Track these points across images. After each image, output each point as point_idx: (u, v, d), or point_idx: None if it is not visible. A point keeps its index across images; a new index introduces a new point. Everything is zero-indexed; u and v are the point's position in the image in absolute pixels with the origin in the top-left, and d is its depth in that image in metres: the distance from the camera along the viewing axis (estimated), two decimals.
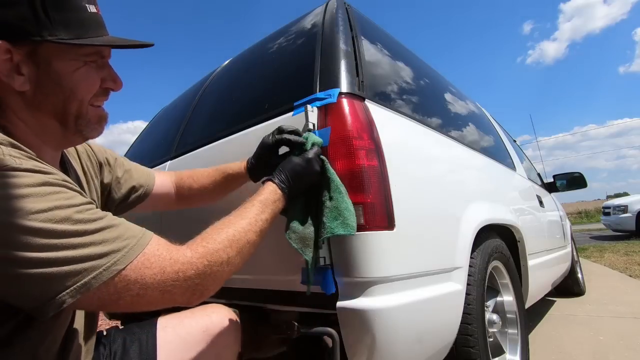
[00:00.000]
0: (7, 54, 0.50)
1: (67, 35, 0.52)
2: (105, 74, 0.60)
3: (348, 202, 0.76)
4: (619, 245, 6.11)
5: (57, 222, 0.43)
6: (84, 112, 0.58)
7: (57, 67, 0.54)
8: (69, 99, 0.56)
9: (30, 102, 0.54)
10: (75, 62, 0.55)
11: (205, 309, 0.78)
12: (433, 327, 0.90)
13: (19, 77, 0.52)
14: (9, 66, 0.51)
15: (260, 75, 1.36)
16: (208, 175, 0.93)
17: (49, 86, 0.54)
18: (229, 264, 0.55)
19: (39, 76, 0.53)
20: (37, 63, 0.53)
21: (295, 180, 0.73)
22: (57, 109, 0.56)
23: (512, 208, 1.58)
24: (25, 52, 0.51)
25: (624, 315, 2.35)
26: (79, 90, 0.56)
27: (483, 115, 2.29)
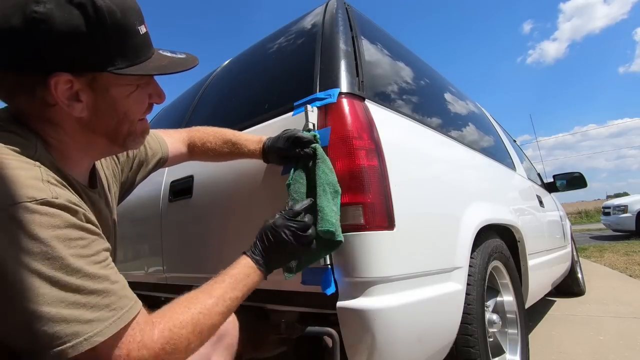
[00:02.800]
0: (68, 84, 0.52)
1: (124, 63, 0.54)
2: (151, 90, 0.62)
3: (330, 201, 0.77)
4: (619, 245, 6.11)
5: (67, 272, 0.43)
6: (134, 130, 0.61)
7: (114, 93, 0.56)
8: (122, 121, 0.58)
9: (84, 125, 0.56)
10: (129, 87, 0.58)
11: None
12: (433, 327, 0.90)
13: (77, 104, 0.53)
14: (69, 95, 0.52)
15: (260, 75, 1.36)
16: (223, 144, 0.96)
17: (105, 111, 0.56)
18: (187, 350, 0.54)
19: (96, 102, 0.55)
20: (95, 91, 0.54)
21: (271, 253, 0.70)
22: (109, 130, 0.58)
23: (512, 208, 1.58)
24: (85, 82, 0.53)
25: (624, 315, 2.35)
26: (131, 113, 0.59)
27: (483, 115, 2.29)
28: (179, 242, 1.23)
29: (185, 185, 1.19)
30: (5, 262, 0.41)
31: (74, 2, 0.49)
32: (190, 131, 0.98)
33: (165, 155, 0.90)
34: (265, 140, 0.94)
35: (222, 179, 1.08)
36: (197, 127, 0.99)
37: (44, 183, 0.46)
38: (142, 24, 0.57)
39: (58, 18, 0.48)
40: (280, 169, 0.93)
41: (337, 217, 0.77)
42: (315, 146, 0.83)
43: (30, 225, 0.42)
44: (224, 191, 1.08)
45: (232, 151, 0.96)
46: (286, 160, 0.89)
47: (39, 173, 0.47)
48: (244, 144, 0.95)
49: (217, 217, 1.10)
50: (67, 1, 0.49)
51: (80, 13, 0.49)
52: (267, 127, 1.04)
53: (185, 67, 0.61)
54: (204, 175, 1.15)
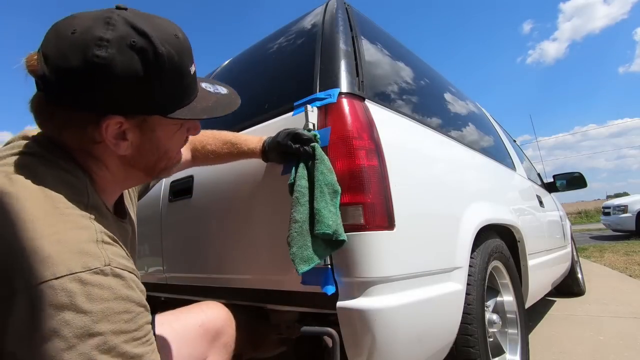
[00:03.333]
0: (118, 125, 0.52)
1: (174, 106, 0.54)
2: (190, 124, 0.62)
3: (328, 202, 0.77)
4: (619, 245, 6.11)
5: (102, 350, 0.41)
6: (171, 164, 0.63)
7: (159, 133, 0.57)
8: (162, 157, 0.60)
9: (126, 161, 0.57)
10: (174, 127, 0.58)
11: (200, 305, 0.79)
12: (433, 327, 0.90)
13: (123, 143, 0.54)
14: (116, 133, 0.53)
15: (260, 75, 1.36)
16: (223, 145, 0.96)
17: (148, 149, 0.57)
18: None
19: (142, 141, 0.56)
20: (143, 131, 0.55)
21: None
22: (148, 165, 0.60)
23: (512, 208, 1.58)
24: (134, 122, 0.53)
25: (624, 315, 2.35)
26: (171, 150, 0.61)
27: (483, 115, 2.29)
28: (179, 242, 1.24)
29: (185, 185, 1.19)
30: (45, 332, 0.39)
31: (135, 47, 0.48)
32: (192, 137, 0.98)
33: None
34: (265, 139, 0.94)
35: (222, 179, 1.08)
36: None
37: (98, 245, 0.45)
38: (192, 63, 0.56)
39: (119, 63, 0.47)
40: (280, 169, 0.93)
41: (336, 218, 0.77)
42: (314, 145, 0.83)
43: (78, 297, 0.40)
44: (224, 191, 1.08)
45: (232, 151, 0.95)
46: (286, 158, 0.89)
47: (94, 233, 0.46)
48: (243, 143, 0.95)
49: (217, 217, 1.10)
50: (129, 46, 0.48)
51: (140, 59, 0.49)
52: (267, 127, 1.04)
53: (231, 109, 0.62)
54: (204, 175, 1.15)
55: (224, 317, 0.78)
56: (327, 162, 0.82)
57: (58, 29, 0.49)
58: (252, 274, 0.99)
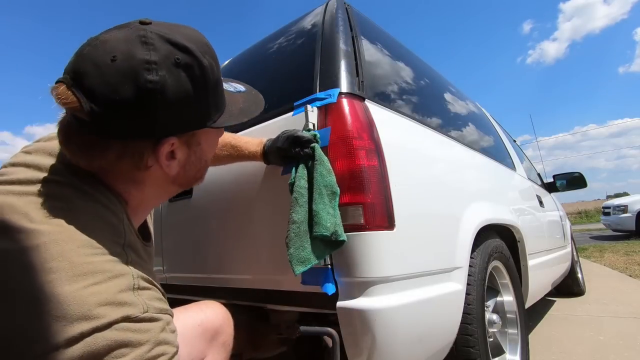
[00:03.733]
0: (171, 146, 0.50)
1: (217, 115, 0.53)
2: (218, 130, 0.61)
3: (327, 204, 0.77)
4: (619, 245, 6.11)
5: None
6: (205, 172, 0.61)
7: (204, 146, 0.55)
8: (202, 169, 0.59)
9: (170, 179, 0.55)
10: (216, 136, 0.58)
11: (199, 305, 0.79)
12: (433, 327, 0.90)
13: (173, 162, 0.52)
14: (167, 153, 0.51)
15: (260, 75, 1.36)
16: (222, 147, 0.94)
17: (193, 163, 0.55)
18: None
19: (189, 157, 0.54)
20: (190, 146, 0.53)
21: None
22: (189, 178, 0.57)
23: (512, 208, 1.58)
24: (184, 140, 0.52)
25: (624, 315, 2.35)
26: (209, 159, 0.59)
27: (483, 115, 2.29)
28: (179, 242, 1.24)
29: None
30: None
31: (180, 64, 0.46)
32: None
33: None
34: (265, 141, 0.94)
35: (221, 179, 1.08)
36: None
37: (135, 293, 0.44)
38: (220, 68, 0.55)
39: (170, 84, 0.46)
40: (280, 169, 0.93)
41: (335, 219, 0.77)
42: (314, 146, 0.83)
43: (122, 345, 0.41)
44: (224, 191, 1.08)
45: (232, 154, 0.95)
46: (286, 161, 0.89)
47: (130, 280, 0.45)
48: (244, 146, 0.95)
49: (217, 217, 1.10)
50: (174, 64, 0.46)
51: (187, 75, 0.47)
52: (267, 127, 1.04)
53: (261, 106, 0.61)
54: None
55: (223, 316, 0.78)
56: (327, 163, 0.82)
57: (94, 58, 0.44)
58: (252, 274, 0.99)
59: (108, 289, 0.42)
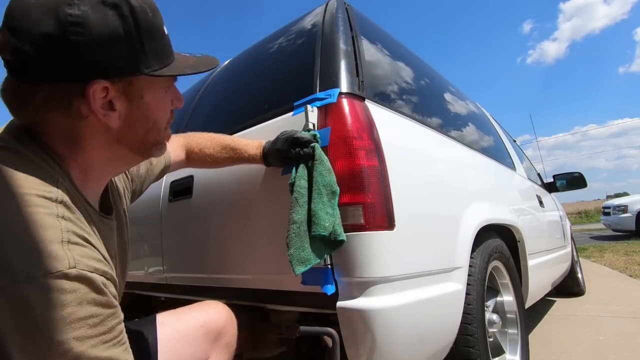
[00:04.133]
0: (104, 92, 0.49)
1: (157, 65, 0.51)
2: (172, 95, 0.59)
3: (326, 204, 0.77)
4: (619, 245, 6.11)
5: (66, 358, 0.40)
6: (161, 138, 0.58)
7: (147, 99, 0.53)
8: (152, 129, 0.56)
9: (114, 136, 0.53)
10: (160, 90, 0.55)
11: (202, 305, 0.79)
12: (433, 327, 0.90)
13: (113, 114, 0.50)
14: (104, 103, 0.49)
15: (260, 76, 1.36)
16: (221, 150, 0.94)
17: (137, 119, 0.53)
18: None
19: (130, 110, 0.52)
20: (130, 97, 0.51)
21: None
22: (137, 140, 0.55)
23: (512, 208, 1.58)
24: (120, 88, 0.50)
25: (624, 315, 2.35)
26: (159, 119, 0.56)
27: (483, 115, 2.29)
28: (179, 242, 1.24)
29: (185, 185, 1.19)
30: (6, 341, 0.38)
31: (107, 2, 0.46)
32: (187, 137, 0.96)
33: (168, 162, 0.89)
34: (265, 144, 0.94)
35: (222, 179, 1.08)
36: (192, 133, 0.98)
37: (63, 246, 0.42)
38: (164, 24, 0.54)
39: (94, 20, 0.45)
40: (280, 169, 0.93)
41: (334, 219, 0.77)
42: (314, 146, 0.83)
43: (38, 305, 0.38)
44: (224, 191, 1.08)
45: (232, 156, 0.94)
46: (286, 162, 0.89)
47: (59, 233, 0.43)
48: (243, 149, 0.94)
49: (217, 217, 1.10)
50: (101, 2, 0.46)
51: (116, 14, 0.47)
52: (267, 128, 1.04)
53: (213, 65, 0.59)
54: (203, 176, 1.15)
55: (226, 316, 0.78)
56: (327, 162, 0.82)
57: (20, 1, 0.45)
58: (252, 274, 0.99)
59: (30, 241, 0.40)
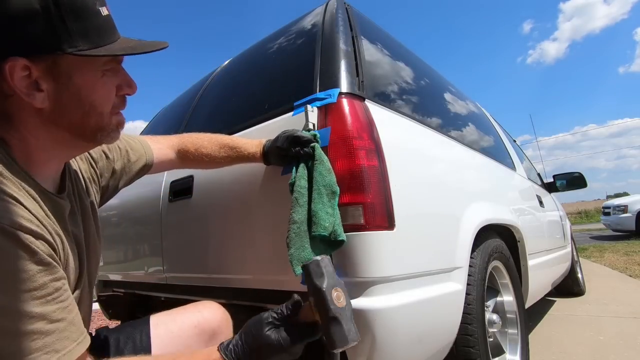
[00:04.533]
0: (26, 71, 0.47)
1: (86, 45, 0.49)
2: (120, 80, 0.57)
3: (326, 204, 0.77)
4: (619, 245, 6.11)
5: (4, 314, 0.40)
6: (105, 123, 0.56)
7: (77, 80, 0.51)
8: (89, 113, 0.53)
9: (47, 118, 0.52)
10: (94, 72, 0.53)
11: (197, 305, 0.79)
12: (433, 327, 0.90)
13: (38, 94, 0.49)
14: (28, 83, 0.48)
15: (260, 76, 1.36)
16: (220, 149, 0.93)
17: (69, 101, 0.52)
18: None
19: (59, 91, 0.50)
20: (56, 77, 0.50)
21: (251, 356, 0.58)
22: (75, 123, 0.53)
23: (512, 208, 1.58)
24: (44, 67, 0.49)
25: (624, 315, 2.35)
26: (98, 103, 0.54)
27: (483, 115, 2.29)
28: (179, 242, 1.23)
29: (185, 185, 1.19)
30: None
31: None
32: (182, 137, 0.95)
33: (150, 161, 0.87)
34: (265, 142, 0.94)
35: (222, 179, 1.08)
36: (189, 134, 0.97)
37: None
38: (103, 5, 0.52)
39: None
40: (280, 169, 0.93)
41: (334, 219, 0.77)
42: (314, 146, 0.83)
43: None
44: (224, 191, 1.08)
45: (230, 155, 0.94)
46: (286, 160, 0.89)
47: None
48: (243, 147, 0.94)
49: (217, 217, 1.10)
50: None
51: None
52: (267, 128, 1.04)
53: (153, 47, 0.55)
54: (204, 175, 1.15)
55: (221, 316, 0.78)
56: (327, 162, 0.82)
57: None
58: (252, 274, 0.99)
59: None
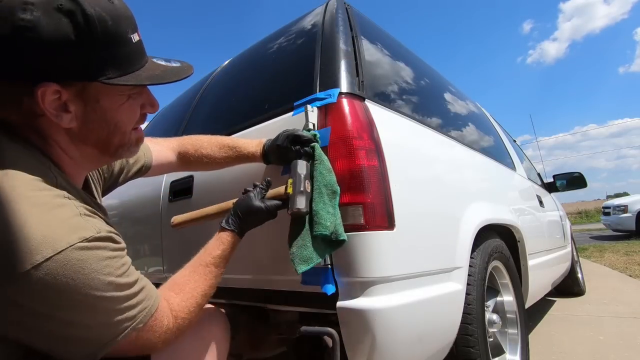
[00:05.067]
0: (56, 94, 0.51)
1: (115, 73, 0.53)
2: (144, 99, 0.61)
3: (327, 203, 0.77)
4: (619, 245, 6.12)
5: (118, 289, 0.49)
6: (126, 141, 0.61)
7: (104, 104, 0.55)
8: (113, 132, 0.58)
9: (75, 136, 0.56)
10: (120, 97, 0.57)
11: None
12: (433, 327, 0.90)
13: (66, 115, 0.53)
14: (57, 105, 0.52)
15: (260, 76, 1.36)
16: (219, 149, 0.95)
17: (95, 122, 0.56)
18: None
19: (86, 112, 0.54)
20: (85, 101, 0.54)
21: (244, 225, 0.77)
22: (100, 141, 0.58)
23: (512, 208, 1.58)
24: (74, 92, 0.52)
25: (624, 315, 2.35)
26: (122, 124, 0.58)
27: (483, 115, 2.29)
28: (179, 242, 1.23)
29: (185, 185, 1.19)
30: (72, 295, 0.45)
31: (62, 9, 0.48)
32: (182, 139, 0.97)
33: (148, 163, 0.88)
34: (264, 142, 0.94)
35: (221, 179, 1.08)
36: (189, 136, 0.98)
37: (83, 218, 0.49)
38: (135, 31, 0.55)
39: (46, 26, 0.47)
40: (280, 169, 0.93)
41: (335, 219, 0.77)
42: (314, 145, 0.83)
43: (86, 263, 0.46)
44: (224, 191, 1.08)
45: (230, 155, 0.94)
46: (286, 159, 0.89)
47: (74, 208, 0.50)
48: (243, 146, 0.94)
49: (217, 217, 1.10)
50: (56, 9, 0.48)
51: (69, 21, 0.48)
52: (267, 128, 1.04)
53: (179, 76, 0.60)
54: (203, 175, 1.15)
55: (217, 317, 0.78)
56: (327, 162, 0.82)
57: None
58: (252, 274, 0.99)
59: (53, 220, 0.46)
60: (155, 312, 0.55)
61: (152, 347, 0.57)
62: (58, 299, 0.45)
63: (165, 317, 0.58)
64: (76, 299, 0.46)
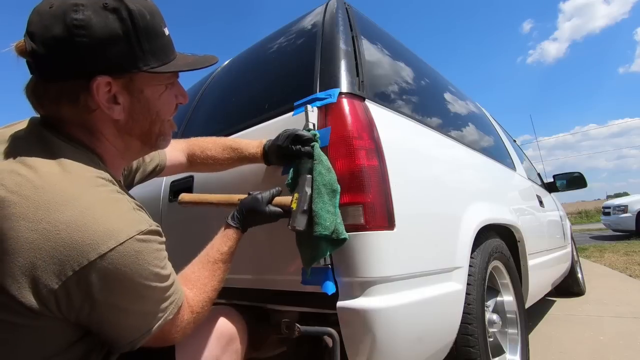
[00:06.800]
0: (108, 87, 0.55)
1: (156, 63, 0.58)
2: (176, 91, 0.66)
3: (327, 203, 0.77)
4: (619, 245, 6.11)
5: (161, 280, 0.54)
6: (165, 130, 0.66)
7: (147, 93, 0.60)
8: (155, 121, 0.63)
9: (121, 128, 0.60)
10: (160, 87, 0.61)
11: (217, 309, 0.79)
12: (433, 327, 0.90)
13: (116, 107, 0.57)
14: (108, 97, 0.56)
15: (260, 76, 1.36)
16: (223, 151, 0.97)
17: (140, 112, 0.60)
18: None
19: (132, 103, 0.59)
20: (131, 92, 0.58)
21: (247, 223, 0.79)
22: (143, 131, 0.63)
23: (512, 208, 1.58)
24: (122, 83, 0.57)
25: (624, 315, 2.35)
26: (162, 113, 0.63)
27: (483, 115, 2.29)
28: (179, 242, 1.23)
29: (185, 185, 1.19)
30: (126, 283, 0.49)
31: (108, 7, 0.53)
32: (189, 141, 0.99)
33: (162, 163, 0.91)
34: (265, 142, 0.94)
35: (221, 179, 1.08)
36: (195, 138, 1.00)
37: (136, 212, 0.54)
38: (165, 26, 0.60)
39: (96, 23, 0.52)
40: (280, 169, 0.93)
41: (335, 218, 0.77)
42: (314, 145, 0.83)
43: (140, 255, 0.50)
44: (224, 191, 1.08)
45: (232, 157, 0.96)
46: (287, 159, 0.89)
47: (127, 202, 0.54)
48: (244, 148, 0.95)
49: (216, 217, 1.10)
50: (103, 7, 0.53)
51: (116, 17, 0.53)
52: (267, 128, 1.04)
53: (209, 62, 0.65)
54: (204, 175, 1.15)
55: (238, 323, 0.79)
56: (326, 161, 0.82)
57: (38, 10, 0.53)
58: (252, 274, 0.99)
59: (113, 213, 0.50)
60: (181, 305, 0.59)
61: (171, 340, 0.60)
62: (115, 286, 0.48)
63: (186, 311, 0.61)
64: (129, 287, 0.49)
